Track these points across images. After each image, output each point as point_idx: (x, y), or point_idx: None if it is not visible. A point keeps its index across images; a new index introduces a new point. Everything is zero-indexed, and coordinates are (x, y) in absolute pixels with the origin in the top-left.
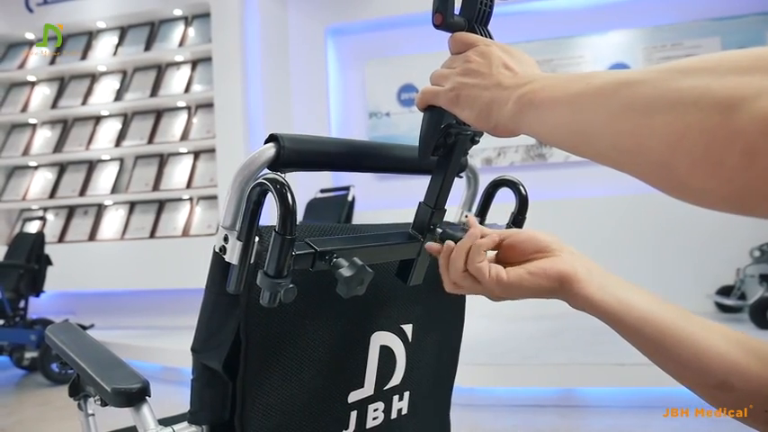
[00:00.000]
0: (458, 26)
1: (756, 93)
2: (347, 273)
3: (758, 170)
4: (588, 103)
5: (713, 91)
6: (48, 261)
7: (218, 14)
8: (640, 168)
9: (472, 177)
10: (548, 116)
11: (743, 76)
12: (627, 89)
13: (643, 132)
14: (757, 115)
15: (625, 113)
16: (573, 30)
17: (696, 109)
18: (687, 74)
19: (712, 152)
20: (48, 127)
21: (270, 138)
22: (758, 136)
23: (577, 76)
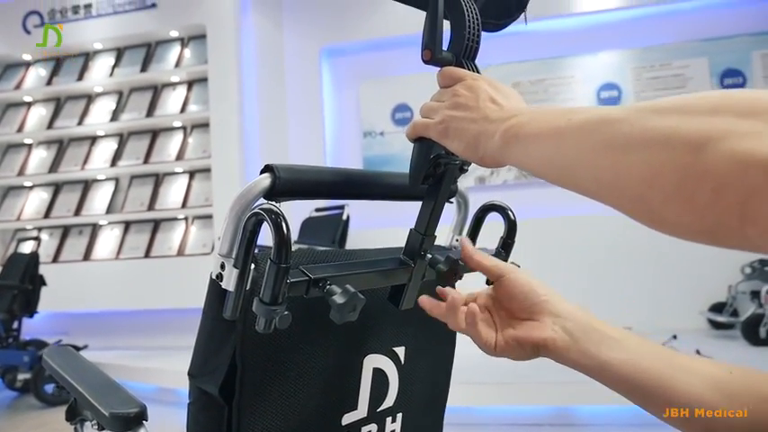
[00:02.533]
0: (446, 61)
1: (723, 134)
2: (340, 300)
3: (726, 206)
4: (570, 138)
5: (684, 131)
6: (42, 281)
7: (214, 36)
8: (619, 201)
9: (462, 202)
10: (532, 149)
11: (711, 118)
12: (606, 127)
13: (621, 168)
14: (724, 155)
15: (604, 150)
16: (564, 50)
17: (669, 148)
18: (661, 114)
19: (684, 189)
20: (43, 147)
21: (265, 168)
22: (725, 175)
23: (560, 111)
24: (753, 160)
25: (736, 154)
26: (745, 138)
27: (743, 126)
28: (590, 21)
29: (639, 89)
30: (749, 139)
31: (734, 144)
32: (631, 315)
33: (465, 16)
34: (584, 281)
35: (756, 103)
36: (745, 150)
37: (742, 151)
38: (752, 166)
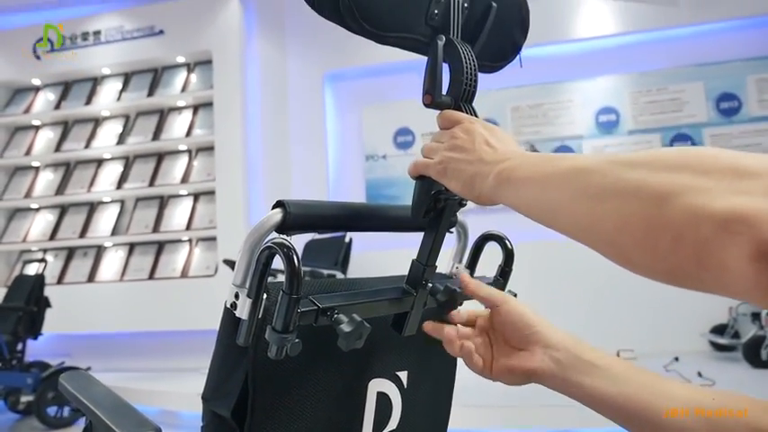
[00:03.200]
0: (445, 105)
1: (681, 189)
2: (347, 328)
3: (684, 254)
4: (554, 185)
5: (649, 185)
6: (47, 303)
7: (220, 61)
8: (595, 244)
9: (462, 232)
10: (521, 192)
11: (672, 174)
12: (584, 176)
13: (596, 215)
14: (681, 209)
15: (582, 198)
16: (562, 75)
17: (636, 199)
18: (631, 167)
19: (649, 236)
20: (50, 170)
21: (276, 204)
22: (682, 226)
23: (547, 157)
24: (704, 215)
25: (691, 208)
26: (699, 194)
27: (698, 183)
28: (587, 46)
29: (637, 113)
30: (702, 196)
31: (690, 199)
32: (633, 337)
33: (462, 63)
34: (586, 303)
35: (711, 162)
36: (699, 205)
37: (696, 206)
38: (704, 219)
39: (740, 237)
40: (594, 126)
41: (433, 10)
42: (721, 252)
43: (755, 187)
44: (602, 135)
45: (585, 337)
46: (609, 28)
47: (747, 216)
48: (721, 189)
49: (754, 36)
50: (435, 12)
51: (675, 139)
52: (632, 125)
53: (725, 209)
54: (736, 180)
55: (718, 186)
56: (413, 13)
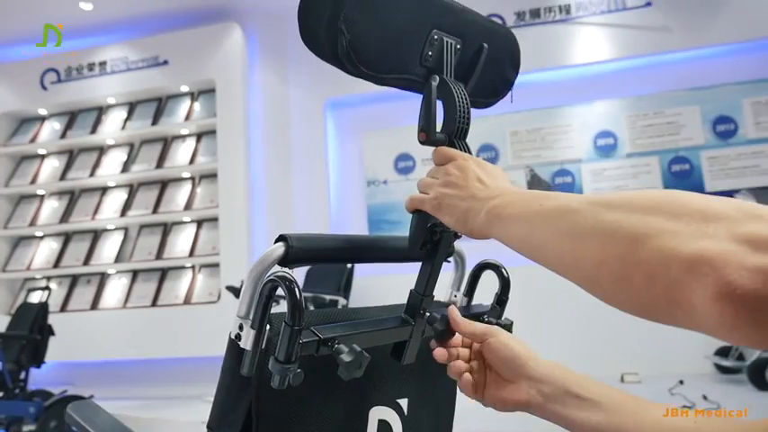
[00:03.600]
0: (440, 141)
1: (654, 232)
2: (347, 358)
3: (656, 292)
4: (540, 223)
5: (625, 226)
6: (50, 331)
7: (223, 90)
8: (577, 280)
9: (460, 261)
10: (510, 229)
11: (646, 216)
12: (568, 216)
13: (578, 253)
14: (654, 250)
15: (566, 236)
16: (560, 100)
17: (614, 240)
18: (610, 208)
19: (625, 275)
20: (55, 198)
21: (279, 237)
22: (655, 267)
23: (534, 196)
24: (674, 257)
25: (662, 250)
26: (669, 237)
27: (669, 226)
28: (584, 72)
29: (634, 136)
30: (672, 238)
31: (661, 242)
32: (637, 360)
33: (455, 101)
34: (590, 326)
35: (681, 205)
36: (669, 248)
37: (667, 248)
38: (673, 261)
39: (705, 278)
40: (593, 150)
41: (427, 52)
42: (689, 292)
43: (720, 231)
44: (601, 159)
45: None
46: (605, 54)
47: (711, 259)
48: (689, 232)
49: (747, 60)
50: (429, 53)
51: (673, 162)
52: (630, 148)
53: (692, 252)
54: (702, 224)
55: (686, 230)
56: (408, 55)
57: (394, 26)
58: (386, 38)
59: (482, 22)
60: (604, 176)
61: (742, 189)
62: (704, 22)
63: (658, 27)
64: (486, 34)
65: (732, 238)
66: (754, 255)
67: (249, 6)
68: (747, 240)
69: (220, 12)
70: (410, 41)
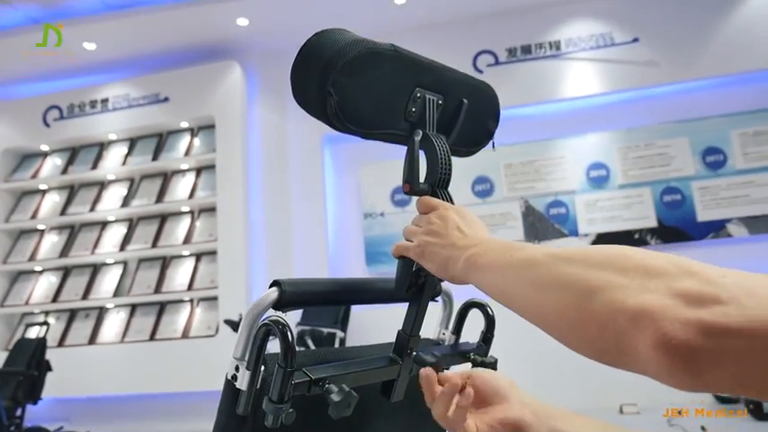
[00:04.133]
0: (423, 192)
1: (604, 286)
2: (337, 398)
3: (607, 340)
4: (509, 274)
5: (581, 280)
6: (48, 367)
7: (222, 126)
8: (541, 326)
9: (447, 300)
10: (485, 277)
11: (599, 271)
12: (533, 268)
13: (541, 303)
14: (603, 303)
15: (531, 287)
16: (554, 133)
17: (571, 292)
18: (569, 262)
19: (581, 323)
20: (55, 232)
21: (273, 283)
22: (606, 317)
23: (506, 247)
24: (620, 309)
25: (611, 303)
26: (618, 290)
27: (618, 280)
28: (576, 105)
29: (626, 168)
30: (620, 292)
31: (610, 295)
32: (636, 391)
33: (437, 154)
34: None
35: (629, 262)
36: (617, 301)
37: (615, 301)
38: (620, 313)
39: (646, 329)
40: (586, 181)
41: (411, 108)
42: (634, 341)
43: (660, 286)
44: (594, 190)
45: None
46: (595, 88)
47: (651, 312)
48: (634, 287)
49: (733, 93)
50: (413, 110)
51: (665, 193)
52: (623, 179)
53: (635, 305)
54: (645, 279)
55: (631, 284)
56: (393, 112)
57: (379, 88)
58: (372, 99)
59: (462, 79)
60: (598, 207)
61: (733, 218)
62: (690, 57)
63: (646, 62)
64: (467, 90)
65: (669, 294)
66: (687, 309)
67: (248, 45)
68: (682, 295)
69: (220, 50)
70: (394, 100)
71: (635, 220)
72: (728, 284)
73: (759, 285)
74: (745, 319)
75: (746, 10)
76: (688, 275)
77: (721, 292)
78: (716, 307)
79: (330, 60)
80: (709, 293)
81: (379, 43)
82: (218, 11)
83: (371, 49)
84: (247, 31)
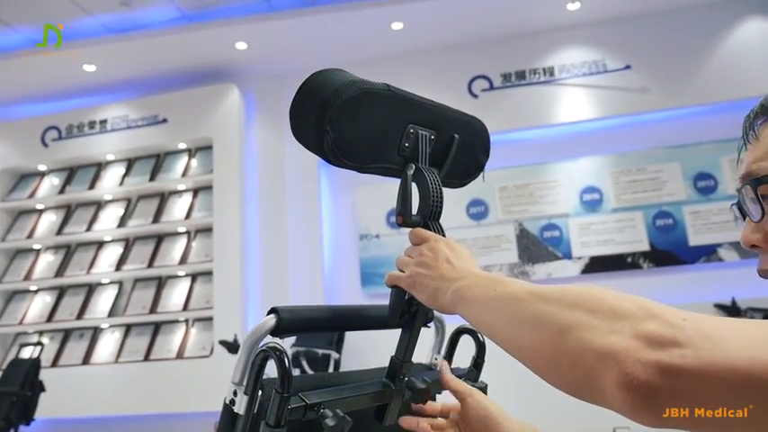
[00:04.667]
0: (415, 224)
1: (576, 325)
2: (331, 423)
3: (579, 375)
4: (492, 308)
5: (556, 319)
6: (41, 388)
7: (220, 147)
8: (522, 361)
9: (439, 326)
10: (470, 310)
11: (572, 311)
12: (513, 305)
13: (520, 339)
14: (574, 342)
15: (510, 323)
16: (547, 157)
17: (546, 330)
18: (546, 302)
19: (555, 360)
20: (51, 252)
21: (271, 310)
22: (577, 356)
23: (491, 282)
24: (589, 349)
25: (581, 343)
26: (587, 331)
27: (588, 321)
28: (569, 130)
29: (619, 192)
30: (589, 333)
31: (581, 334)
32: None
33: (429, 187)
34: None
35: (599, 304)
36: (586, 341)
37: (584, 341)
38: (589, 353)
39: (611, 369)
40: (579, 205)
41: (404, 143)
42: (601, 379)
43: (625, 328)
44: (587, 213)
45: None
46: (587, 113)
47: (616, 353)
48: (602, 328)
49: (723, 120)
50: (406, 145)
51: (657, 217)
52: (615, 203)
53: (601, 346)
54: (613, 320)
55: (600, 325)
56: (387, 147)
57: (374, 125)
58: (367, 135)
59: (453, 115)
60: (591, 230)
61: (724, 243)
62: (681, 84)
63: (638, 88)
64: (458, 125)
65: (633, 336)
66: (648, 351)
67: (247, 68)
68: (644, 338)
69: (218, 73)
70: (388, 136)
71: (628, 244)
72: (687, 328)
73: (715, 328)
74: (699, 361)
75: (737, 39)
76: (651, 318)
77: (680, 334)
78: (674, 349)
79: (327, 100)
80: (668, 336)
81: (374, 83)
82: (217, 35)
83: (366, 89)
84: (246, 55)
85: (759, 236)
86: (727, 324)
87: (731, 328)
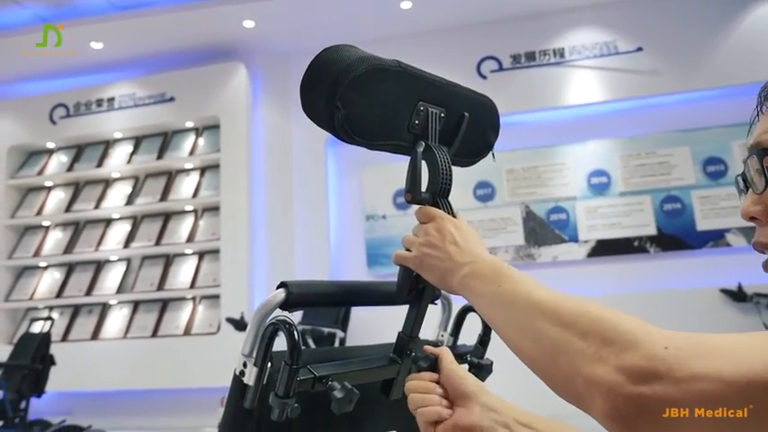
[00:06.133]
0: (424, 201)
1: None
2: (339, 394)
3: (570, 393)
4: (494, 306)
5: (549, 337)
6: (52, 361)
7: (227, 126)
8: (520, 358)
9: (446, 304)
10: (474, 301)
11: (564, 331)
12: (512, 310)
13: (518, 344)
14: (566, 365)
15: (509, 327)
16: (556, 139)
17: (540, 346)
18: (540, 316)
19: (548, 374)
20: (60, 229)
21: (280, 284)
22: (568, 376)
23: (496, 274)
24: (578, 375)
25: (571, 366)
26: (576, 356)
27: (579, 346)
28: (578, 112)
29: (627, 175)
30: (578, 358)
31: (571, 359)
32: None
33: (438, 165)
34: None
35: (591, 327)
36: (576, 366)
37: (575, 366)
38: (578, 378)
39: (597, 400)
40: (587, 188)
41: (414, 121)
42: (588, 404)
43: (611, 357)
44: (595, 196)
45: None
46: (598, 96)
47: (600, 386)
48: (590, 355)
49: (735, 104)
50: (416, 122)
51: (665, 201)
52: (623, 187)
53: (589, 375)
54: (601, 347)
55: (588, 351)
56: (397, 124)
57: (385, 102)
58: (377, 112)
59: (464, 93)
60: (598, 214)
61: (732, 228)
62: (693, 67)
63: (649, 71)
64: (468, 104)
65: (617, 369)
66: (631, 386)
67: (254, 47)
68: (627, 371)
69: (226, 51)
70: (399, 114)
71: (634, 228)
72: (668, 357)
73: (695, 355)
74: (679, 391)
75: (750, 22)
76: (634, 348)
77: (660, 366)
78: (654, 383)
79: (338, 76)
80: (649, 369)
81: (385, 60)
82: (224, 13)
83: (377, 65)
84: (253, 34)
85: (759, 208)
86: (711, 342)
87: (716, 346)
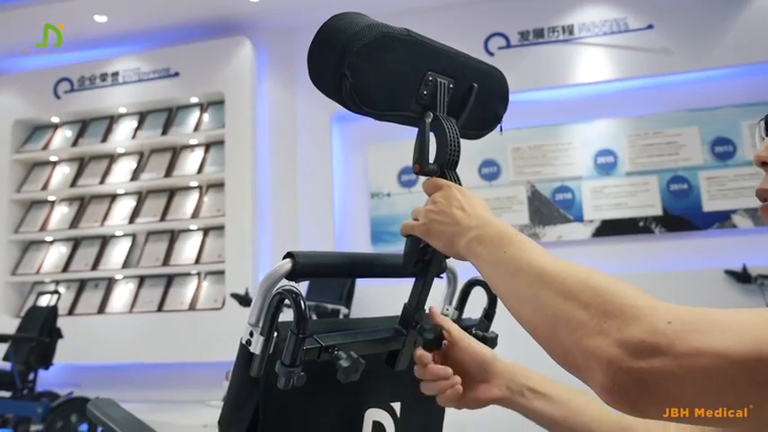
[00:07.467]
0: (432, 172)
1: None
2: (345, 364)
3: (570, 364)
4: (499, 273)
5: (551, 307)
6: (59, 334)
7: (232, 102)
8: (522, 324)
9: (452, 277)
10: (479, 266)
11: (566, 302)
12: (516, 278)
13: (520, 312)
14: (566, 337)
15: (512, 295)
16: (562, 118)
17: (542, 316)
18: (544, 285)
19: (549, 343)
20: (65, 204)
21: (287, 254)
22: (568, 347)
23: (503, 239)
24: (578, 347)
25: (571, 337)
26: (577, 327)
27: (580, 316)
28: (586, 91)
29: (634, 155)
30: (579, 329)
31: (571, 330)
32: None
33: (447, 136)
34: None
35: (594, 298)
36: (576, 338)
37: (575, 337)
38: (578, 350)
39: (596, 373)
40: (593, 167)
41: (422, 91)
42: (588, 377)
43: (612, 330)
44: (601, 176)
45: None
46: (606, 74)
47: (600, 359)
48: (591, 327)
49: (745, 84)
50: (424, 92)
51: (672, 182)
52: (630, 167)
53: (588, 347)
54: (602, 319)
55: (589, 323)
56: (405, 94)
57: (393, 71)
58: (385, 81)
59: (473, 64)
60: (604, 194)
61: (739, 209)
62: (704, 46)
63: (659, 49)
64: (477, 75)
65: (617, 343)
66: (631, 360)
67: (259, 21)
68: (627, 345)
69: (231, 26)
70: (407, 83)
71: (640, 208)
72: (670, 332)
73: (698, 330)
74: (679, 367)
75: (762, 1)
76: (637, 321)
77: (662, 340)
78: (654, 358)
79: (347, 43)
80: (650, 343)
81: (394, 27)
82: None
83: (387, 33)
84: (258, 8)
85: None
86: (716, 317)
87: (721, 322)
